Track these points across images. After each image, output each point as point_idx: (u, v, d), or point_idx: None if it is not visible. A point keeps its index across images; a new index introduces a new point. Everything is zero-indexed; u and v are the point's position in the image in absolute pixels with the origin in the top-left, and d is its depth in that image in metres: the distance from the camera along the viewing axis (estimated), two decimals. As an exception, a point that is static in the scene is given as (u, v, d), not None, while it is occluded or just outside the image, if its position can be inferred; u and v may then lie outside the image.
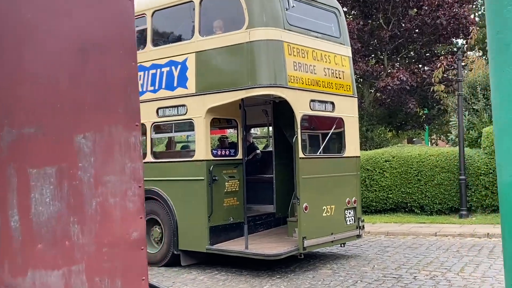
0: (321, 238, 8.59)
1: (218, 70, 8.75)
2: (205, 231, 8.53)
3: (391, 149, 14.90)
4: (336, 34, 9.73)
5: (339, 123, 9.44)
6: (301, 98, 8.52)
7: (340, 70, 9.48)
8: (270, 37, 8.15)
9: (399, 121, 21.00)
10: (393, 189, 14.27)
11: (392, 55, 20.83)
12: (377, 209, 14.60)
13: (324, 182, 8.81)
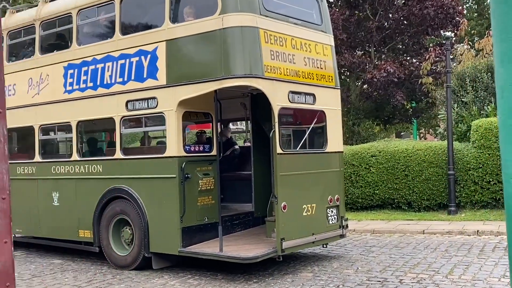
0: (301, 239, 8.01)
1: (190, 59, 8.19)
2: (177, 233, 7.98)
3: (377, 144, 14.39)
4: (318, 22, 9.06)
5: (320, 117, 8.82)
6: (279, 90, 7.90)
7: (322, 60, 8.84)
8: (244, 23, 7.55)
9: (386, 114, 20.50)
10: (380, 185, 13.77)
11: (379, 47, 20.31)
12: (363, 206, 14.10)
13: (304, 179, 8.23)
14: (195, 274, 8.28)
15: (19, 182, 10.50)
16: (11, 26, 11.02)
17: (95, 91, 9.14)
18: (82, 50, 9.48)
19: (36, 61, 10.32)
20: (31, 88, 10.36)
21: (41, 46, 10.34)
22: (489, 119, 13.24)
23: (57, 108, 9.82)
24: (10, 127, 9.84)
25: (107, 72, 8.96)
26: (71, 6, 9.65)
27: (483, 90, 14.97)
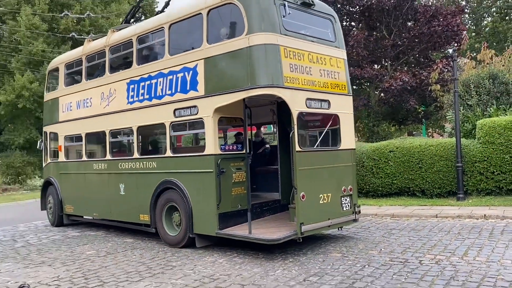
0: (318, 223, 7.58)
1: (223, 73, 7.81)
2: (214, 217, 7.76)
3: (394, 141, 13.44)
4: (332, 39, 8.58)
5: (334, 119, 8.36)
6: (297, 97, 7.53)
7: (336, 71, 8.37)
8: (267, 41, 7.26)
9: (401, 117, 19.34)
10: (397, 176, 12.79)
11: (394, 61, 19.18)
12: (383, 193, 13.14)
13: (320, 173, 7.81)
14: (240, 253, 7.63)
15: (95, 176, 10.73)
16: (87, 52, 11.06)
17: (150, 102, 9.14)
18: (140, 69, 9.43)
19: (106, 79, 10.34)
20: (102, 100, 10.41)
21: (110, 67, 10.37)
22: (492, 118, 12.18)
23: (122, 116, 9.85)
24: (88, 132, 9.62)
25: (159, 86, 8.92)
26: (132, 34, 9.72)
27: (486, 94, 13.85)
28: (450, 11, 17.94)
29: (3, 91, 26.69)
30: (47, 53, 27.40)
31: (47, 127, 12.66)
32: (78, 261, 7.74)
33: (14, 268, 7.46)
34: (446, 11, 17.90)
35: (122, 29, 10.40)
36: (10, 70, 27.83)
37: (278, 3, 7.44)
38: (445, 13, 17.77)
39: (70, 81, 11.78)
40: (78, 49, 11.96)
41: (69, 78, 11.84)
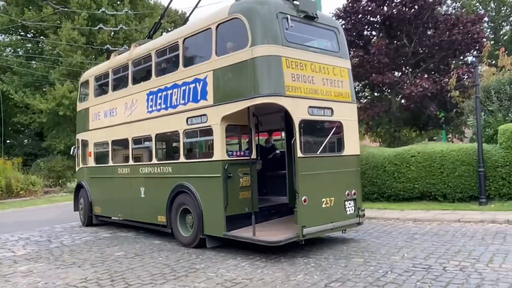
0: (321, 226, 7.43)
1: (229, 83, 7.79)
2: (222, 220, 7.75)
3: (416, 146, 12.92)
4: (336, 49, 8.47)
5: (338, 126, 8.22)
6: (299, 105, 7.42)
7: (339, 80, 8.21)
8: (269, 52, 7.22)
9: (421, 122, 18.68)
10: (419, 180, 12.26)
11: (415, 68, 18.56)
12: (405, 198, 12.61)
13: (323, 178, 7.64)
14: (263, 257, 7.33)
15: (120, 180, 10.93)
16: (113, 65, 11.30)
17: (166, 111, 9.24)
18: (158, 80, 9.55)
19: (129, 90, 10.54)
20: (126, 110, 10.60)
21: (133, 79, 10.53)
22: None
23: (142, 124, 10.00)
24: (114, 139, 9.56)
25: (174, 96, 9.01)
26: (151, 48, 9.88)
27: (507, 99, 13.18)
28: (470, 19, 17.26)
29: (45, 100, 27.19)
30: (85, 64, 27.83)
31: (79, 135, 13.03)
32: (107, 262, 7.60)
33: (46, 268, 7.37)
34: (466, 19, 17.23)
35: (143, 44, 10.56)
36: (50, 81, 28.38)
37: (280, 17, 7.40)
38: (465, 21, 17.11)
39: (99, 92, 12.10)
40: (105, 63, 12.30)
41: (98, 89, 12.15)
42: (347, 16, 18.46)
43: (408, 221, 10.29)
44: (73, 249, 8.96)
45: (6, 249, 9.34)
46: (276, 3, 7.61)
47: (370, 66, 17.35)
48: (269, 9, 7.41)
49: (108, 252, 8.51)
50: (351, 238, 8.58)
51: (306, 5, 7.90)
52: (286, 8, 7.60)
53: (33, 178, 23.49)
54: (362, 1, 18.25)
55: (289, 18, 7.43)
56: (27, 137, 38.47)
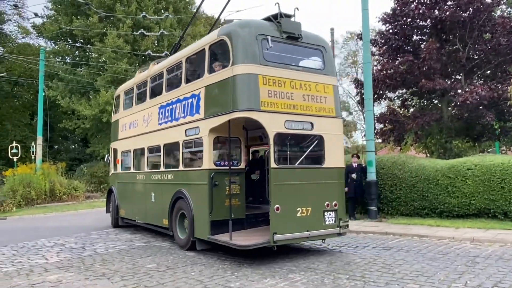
0: (294, 234, 7.77)
1: (215, 99, 8.41)
2: (207, 224, 8.35)
3: (473, 158, 11.74)
4: (321, 67, 8.82)
5: (319, 140, 8.45)
6: (275, 120, 7.83)
7: (322, 96, 8.53)
8: (246, 71, 7.77)
9: (475, 133, 17.32)
10: (476, 196, 11.14)
11: (468, 75, 17.28)
12: (459, 214, 11.50)
13: (299, 188, 7.94)
14: (303, 278, 6.63)
15: (138, 185, 11.85)
16: (137, 81, 12.33)
17: (171, 123, 9.96)
18: (167, 95, 10.31)
19: (147, 104, 11.41)
20: (144, 122, 11.47)
21: (151, 93, 11.33)
22: None
23: (155, 135, 10.76)
24: (135, 148, 10.00)
25: (177, 110, 9.72)
26: (162, 66, 10.75)
27: None
28: (531, 23, 15.88)
29: (89, 107, 27.71)
30: (129, 72, 28.19)
31: (112, 144, 14.12)
32: (137, 275, 7.15)
33: (75, 279, 7.01)
34: (526, 22, 15.87)
35: (160, 62, 11.42)
36: (96, 88, 28.92)
37: (260, 38, 7.92)
38: (526, 23, 15.76)
39: (126, 105, 13.13)
40: (132, 79, 13.25)
41: (126, 103, 13.22)
42: (395, 20, 17.51)
43: (465, 241, 9.28)
44: (105, 258, 8.61)
45: (40, 256, 9.15)
46: (258, 25, 8.16)
47: (419, 72, 16.29)
48: (249, 31, 7.97)
49: (140, 263, 8.08)
50: (402, 258, 7.73)
51: (290, 26, 8.38)
52: (268, 30, 8.14)
53: (76, 183, 23.84)
54: (411, 5, 17.27)
55: (269, 39, 7.97)
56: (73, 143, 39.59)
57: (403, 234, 10.22)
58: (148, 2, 29.26)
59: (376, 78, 16.87)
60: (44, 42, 33.59)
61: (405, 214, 12.44)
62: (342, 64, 47.91)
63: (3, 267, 8.14)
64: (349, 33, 47.28)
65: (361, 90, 17.43)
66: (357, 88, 19.09)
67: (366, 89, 13.43)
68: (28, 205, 20.68)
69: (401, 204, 12.50)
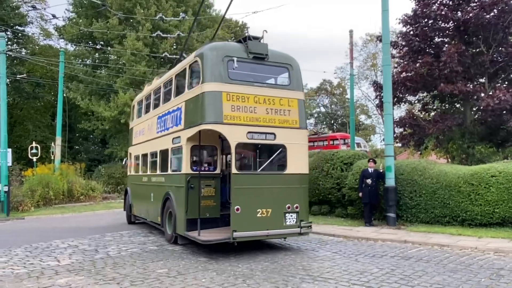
0: (253, 232, 8.64)
1: (191, 112, 9.41)
2: (183, 221, 9.43)
3: (497, 165, 11.23)
4: (286, 83, 9.68)
5: (281, 149, 9.28)
6: (237, 131, 8.75)
7: (286, 109, 9.37)
8: (212, 89, 8.79)
9: (499, 138, 16.72)
10: (500, 204, 10.65)
11: (493, 78, 16.70)
12: (482, 223, 11.01)
13: (259, 192, 8.79)
14: (316, 286, 6.34)
15: (143, 186, 13.13)
16: (145, 93, 13.85)
17: (164, 132, 11.18)
18: (163, 107, 11.53)
19: (150, 114, 12.77)
20: (148, 130, 12.81)
21: (154, 105, 12.62)
22: None
23: (154, 142, 12.01)
24: (142, 153, 13.57)
25: (168, 120, 10.88)
26: (160, 81, 12.10)
27: None
28: (560, 24, 15.25)
29: (108, 108, 27.91)
30: (147, 74, 28.31)
31: (129, 148, 15.71)
32: (147, 280, 7.00)
33: (85, 283, 6.89)
34: (555, 24, 15.25)
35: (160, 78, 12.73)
36: (114, 89, 29.12)
37: (226, 60, 8.93)
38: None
39: (138, 115, 14.62)
40: (143, 91, 14.73)
41: (138, 112, 14.68)
42: (416, 21, 17.05)
43: (488, 251, 8.85)
44: (117, 262, 8.49)
45: (52, 257, 9.09)
46: (225, 48, 9.25)
47: (440, 75, 15.82)
48: (216, 54, 8.98)
49: (151, 267, 7.93)
50: (422, 269, 7.38)
51: (257, 47, 9.29)
52: (236, 51, 9.11)
53: (93, 184, 23.99)
54: (433, 6, 16.81)
55: (235, 60, 8.96)
56: (93, 144, 40.01)
57: (423, 243, 9.83)
58: (166, 5, 29.36)
59: (396, 81, 16.46)
60: (65, 44, 34.05)
61: (425, 222, 12.01)
62: (361, 67, 47.41)
63: (14, 268, 8.10)
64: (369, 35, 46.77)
65: (380, 93, 17.04)
66: (376, 91, 18.69)
67: (386, 92, 13.04)
68: (46, 205, 20.86)
69: (421, 211, 12.07)
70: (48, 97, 36.89)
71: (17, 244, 10.90)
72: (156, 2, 29.75)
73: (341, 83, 60.64)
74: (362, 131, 57.12)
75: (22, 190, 20.36)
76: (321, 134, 40.77)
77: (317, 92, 63.75)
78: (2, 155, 18.55)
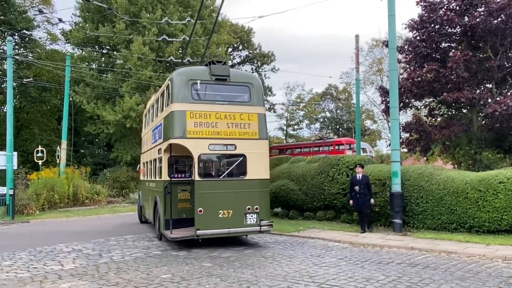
0: (215, 230, 9.96)
1: (165, 128, 10.80)
2: (163, 221, 10.89)
3: (505, 171, 11.07)
4: (247, 100, 10.86)
5: (242, 158, 10.50)
6: (200, 144, 10.13)
7: (246, 123, 10.59)
8: (178, 108, 10.23)
9: (507, 144, 16.56)
10: (508, 211, 10.49)
11: (500, 84, 16.57)
12: (490, 230, 10.86)
13: (220, 195, 10.09)
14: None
15: (146, 190, 14.56)
16: (148, 107, 15.30)
17: (154, 144, 12.56)
18: (154, 121, 12.94)
19: (149, 126, 14.20)
20: (148, 140, 14.36)
21: (151, 119, 13.95)
22: None
23: (151, 151, 13.37)
24: (145, 161, 15.74)
25: (156, 134, 12.30)
26: (154, 98, 13.57)
27: None
28: None
29: (113, 112, 27.96)
30: (153, 79, 28.37)
31: (141, 155, 17.15)
32: (151, 286, 6.94)
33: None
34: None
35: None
36: (120, 94, 29.19)
37: (190, 83, 10.34)
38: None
39: (145, 125, 15.99)
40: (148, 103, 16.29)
41: (145, 123, 16.12)
42: (423, 26, 16.96)
43: (496, 259, 8.70)
44: (120, 267, 8.44)
45: (56, 262, 9.06)
46: (190, 72, 10.65)
47: (446, 81, 15.71)
48: (181, 78, 10.44)
49: (155, 273, 7.87)
50: (429, 277, 7.26)
51: (219, 70, 10.63)
52: (199, 75, 10.48)
53: (98, 188, 24.01)
54: (439, 11, 16.73)
55: (198, 83, 10.33)
56: (98, 148, 40.09)
57: (430, 249, 9.70)
58: (173, 9, 29.45)
59: (403, 86, 16.36)
60: (72, 48, 34.21)
61: (431, 228, 11.87)
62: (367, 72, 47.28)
63: (18, 272, 8.07)
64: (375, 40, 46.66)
65: (386, 99, 16.94)
66: (382, 97, 18.58)
67: (392, 97, 12.94)
68: (51, 208, 20.89)
69: (428, 217, 11.94)
70: (54, 101, 37.05)
71: (21, 247, 10.90)
72: (162, 7, 29.85)
73: (346, 88, 60.54)
74: (368, 136, 56.91)
75: (27, 193, 20.42)
76: (326, 139, 40.63)
77: (323, 97, 63.65)
78: (8, 158, 18.61)
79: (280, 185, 16.21)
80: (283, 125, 64.13)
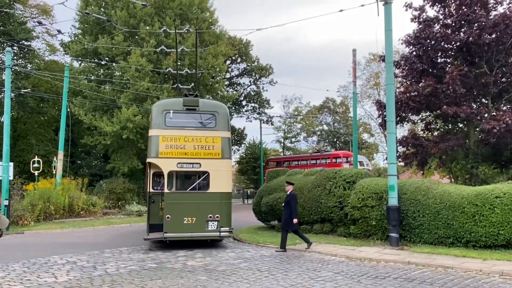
0: (180, 234, 12.03)
1: (149, 147, 12.68)
2: (148, 226, 12.91)
3: (502, 186, 11.09)
4: (213, 125, 12.88)
5: (205, 174, 12.55)
6: (169, 163, 12.27)
7: (211, 145, 12.62)
8: (153, 133, 12.49)
9: (503, 159, 16.59)
10: (505, 225, 10.48)
11: (496, 99, 16.66)
12: (487, 245, 10.83)
13: (186, 205, 12.09)
14: None
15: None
16: None
17: None
18: None
19: None
20: None
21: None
22: None
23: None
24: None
25: None
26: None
27: None
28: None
29: (110, 123, 27.91)
30: (150, 90, 28.40)
31: None
32: (145, 299, 6.85)
33: (81, 301, 6.74)
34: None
35: None
36: (118, 105, 29.19)
37: (164, 112, 12.55)
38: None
39: None
40: None
41: None
42: (418, 42, 17.09)
43: (493, 274, 8.66)
44: (115, 280, 8.35)
45: (50, 274, 8.97)
46: (165, 104, 13.13)
47: (444, 96, 15.79)
48: (157, 109, 12.77)
49: (149, 286, 7.80)
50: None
51: (190, 101, 12.86)
52: (173, 106, 12.75)
53: (94, 199, 23.85)
54: (434, 27, 16.89)
55: (171, 112, 12.51)
56: (95, 159, 39.91)
57: (427, 264, 9.65)
58: (170, 22, 29.64)
59: (399, 100, 16.45)
60: (71, 60, 34.28)
61: (428, 242, 11.83)
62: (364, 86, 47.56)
63: (11, 285, 7.98)
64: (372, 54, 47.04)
65: (383, 112, 17.01)
66: (379, 110, 18.66)
67: (389, 111, 13.00)
68: (46, 219, 20.72)
69: (424, 231, 11.91)
70: (52, 112, 36.97)
71: (15, 259, 10.78)
72: (161, 19, 30.03)
73: (344, 101, 60.79)
74: (365, 149, 57.00)
75: (23, 204, 20.24)
76: (323, 152, 40.65)
77: (320, 110, 63.86)
78: (4, 168, 18.51)
79: (276, 197, 16.17)
80: (280, 138, 64.21)
